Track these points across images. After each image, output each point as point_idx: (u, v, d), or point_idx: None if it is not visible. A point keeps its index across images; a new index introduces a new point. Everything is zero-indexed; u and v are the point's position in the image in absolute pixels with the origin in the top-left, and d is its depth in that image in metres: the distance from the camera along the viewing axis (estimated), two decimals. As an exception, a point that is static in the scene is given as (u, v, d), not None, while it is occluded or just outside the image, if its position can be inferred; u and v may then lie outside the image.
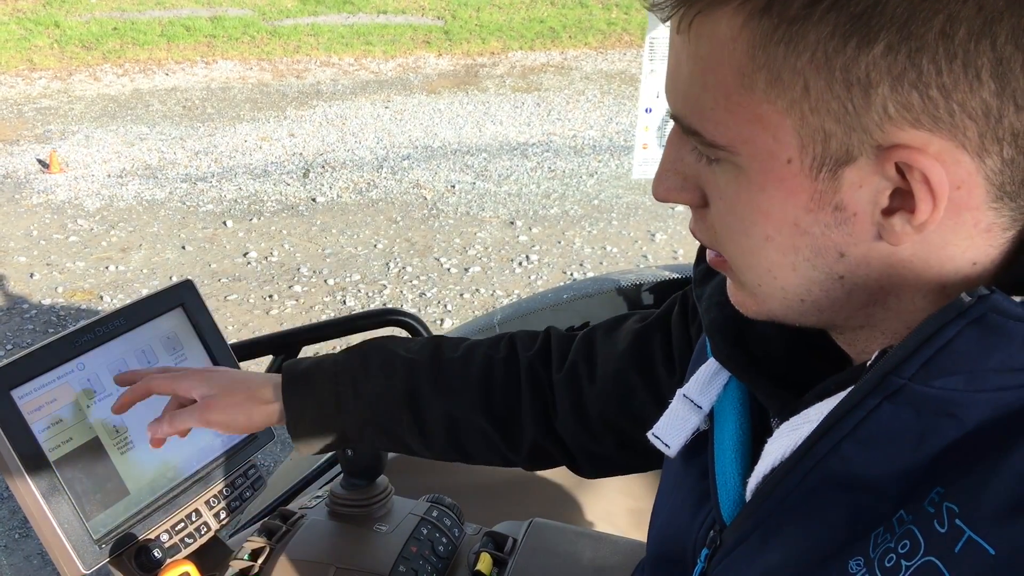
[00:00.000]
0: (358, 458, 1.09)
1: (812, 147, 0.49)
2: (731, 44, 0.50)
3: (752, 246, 0.55)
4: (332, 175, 6.17)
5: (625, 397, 0.91)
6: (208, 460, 1.05)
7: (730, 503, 0.65)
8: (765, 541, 0.58)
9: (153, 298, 1.03)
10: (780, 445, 0.56)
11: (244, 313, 4.33)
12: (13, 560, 2.83)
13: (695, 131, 0.54)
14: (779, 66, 0.48)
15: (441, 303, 4.44)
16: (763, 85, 0.49)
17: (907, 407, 0.48)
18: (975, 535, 0.45)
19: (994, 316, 0.45)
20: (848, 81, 0.47)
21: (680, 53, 0.53)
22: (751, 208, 0.53)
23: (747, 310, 0.61)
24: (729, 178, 0.54)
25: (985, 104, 0.46)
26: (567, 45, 9.83)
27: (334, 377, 0.94)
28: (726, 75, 0.50)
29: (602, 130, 7.26)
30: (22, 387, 0.89)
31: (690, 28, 0.51)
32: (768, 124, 0.50)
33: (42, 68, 8.44)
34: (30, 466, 0.88)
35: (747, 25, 0.49)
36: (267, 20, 9.76)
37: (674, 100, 0.55)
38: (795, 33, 0.47)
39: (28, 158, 6.35)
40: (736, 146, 0.52)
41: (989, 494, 0.45)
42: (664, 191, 0.60)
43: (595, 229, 5.33)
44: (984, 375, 0.46)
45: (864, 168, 0.49)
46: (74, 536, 0.90)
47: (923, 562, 0.47)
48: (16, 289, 4.53)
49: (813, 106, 0.48)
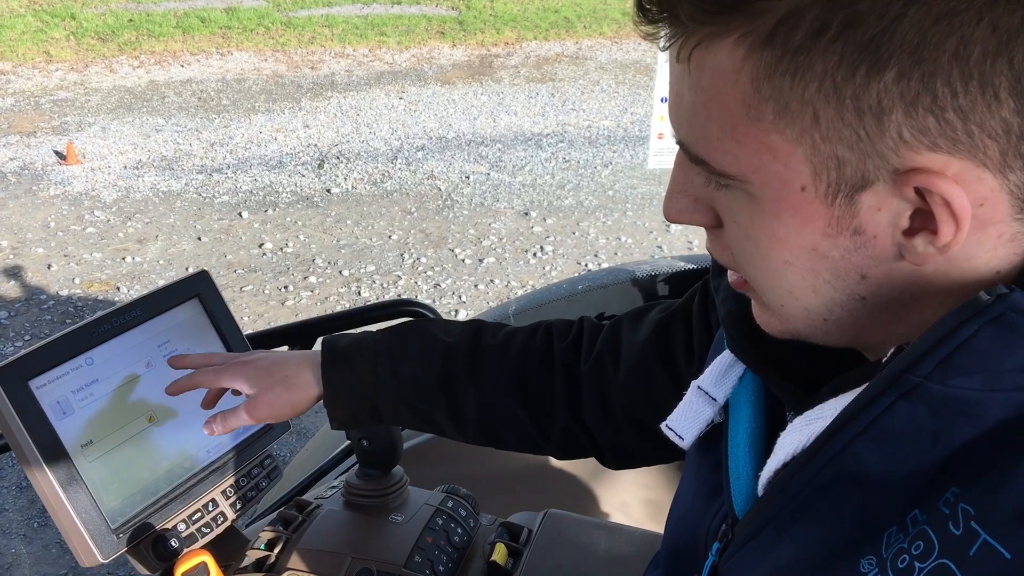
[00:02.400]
0: (374, 448, 1.09)
1: (826, 174, 0.48)
2: (734, 76, 0.48)
3: (771, 269, 0.54)
4: (347, 166, 6.18)
5: (648, 387, 0.91)
6: (224, 450, 1.06)
7: (742, 497, 0.64)
8: (777, 537, 0.57)
9: (169, 289, 1.03)
10: (793, 440, 0.56)
11: (259, 304, 4.35)
12: (32, 549, 2.85)
13: (702, 160, 0.52)
14: (786, 97, 0.47)
15: (456, 294, 4.44)
16: (771, 116, 0.48)
17: (922, 406, 0.47)
18: (991, 538, 0.44)
19: (1013, 315, 0.44)
20: (859, 109, 0.46)
21: (681, 81, 0.52)
22: (766, 235, 0.52)
23: (772, 330, 0.60)
24: (741, 204, 0.53)
25: (1005, 122, 0.45)
26: (582, 35, 9.79)
27: (373, 357, 0.96)
28: (731, 106, 0.49)
29: (617, 120, 7.23)
30: (40, 377, 0.90)
31: (690, 59, 0.50)
32: (779, 153, 0.49)
33: (59, 60, 8.48)
34: (48, 456, 0.88)
35: (749, 57, 0.47)
36: (282, 11, 9.77)
37: (678, 127, 0.54)
38: (800, 63, 0.46)
39: (45, 150, 6.38)
40: (746, 175, 0.51)
41: (1006, 497, 0.44)
42: (675, 213, 0.59)
43: (610, 220, 5.32)
44: (1002, 375, 0.45)
45: (882, 192, 0.48)
46: (92, 525, 0.90)
47: (937, 564, 0.46)
48: (34, 280, 4.56)
49: (824, 135, 0.47)
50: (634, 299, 1.70)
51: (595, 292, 1.69)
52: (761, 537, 0.59)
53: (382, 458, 1.10)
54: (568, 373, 0.96)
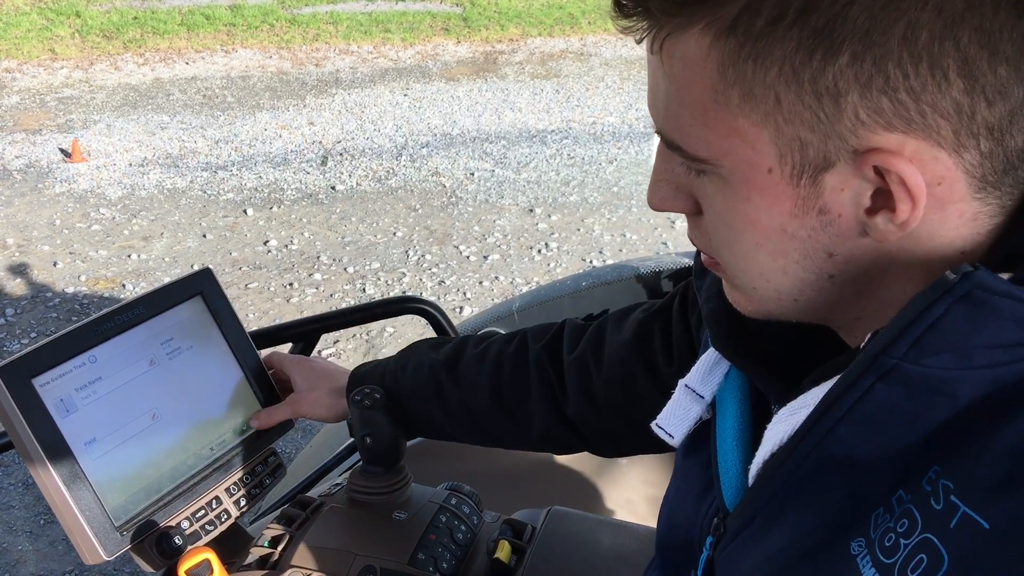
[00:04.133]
0: (377, 446, 1.09)
1: (790, 156, 0.50)
2: (702, 63, 0.51)
3: (744, 252, 0.56)
4: (351, 163, 6.18)
5: (629, 385, 0.95)
6: (228, 448, 1.06)
7: (732, 490, 0.66)
8: (768, 526, 0.59)
9: (173, 286, 1.03)
10: (779, 430, 0.57)
11: (264, 301, 4.35)
12: (38, 546, 2.86)
13: (677, 146, 0.55)
14: (749, 81, 0.49)
15: (460, 291, 4.44)
16: (737, 100, 0.50)
17: (899, 387, 0.49)
18: (969, 510, 0.45)
19: (980, 292, 0.45)
20: (817, 91, 0.48)
21: (656, 72, 0.55)
22: (739, 217, 0.55)
23: (744, 309, 0.62)
24: (716, 188, 0.55)
25: (956, 102, 0.46)
26: (586, 31, 9.78)
27: (380, 378, 1.11)
28: (700, 92, 0.52)
29: (621, 116, 7.22)
30: (43, 375, 0.90)
31: (662, 49, 0.53)
32: (746, 136, 0.51)
33: (64, 58, 8.49)
34: (52, 454, 0.88)
35: (715, 44, 0.50)
36: (286, 8, 9.77)
37: (656, 116, 0.57)
38: (761, 49, 0.48)
39: (50, 147, 6.39)
40: (717, 159, 0.53)
41: (982, 469, 0.46)
42: (658, 201, 0.61)
43: (614, 216, 5.32)
44: (973, 352, 0.47)
45: (843, 172, 0.50)
46: (95, 523, 0.90)
47: (920, 539, 0.47)
48: (40, 278, 4.57)
49: (786, 117, 0.49)
50: (638, 295, 1.70)
51: (599, 289, 1.69)
52: (752, 527, 0.60)
53: (385, 455, 1.10)
54: (542, 373, 1.02)
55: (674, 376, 0.77)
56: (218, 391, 1.06)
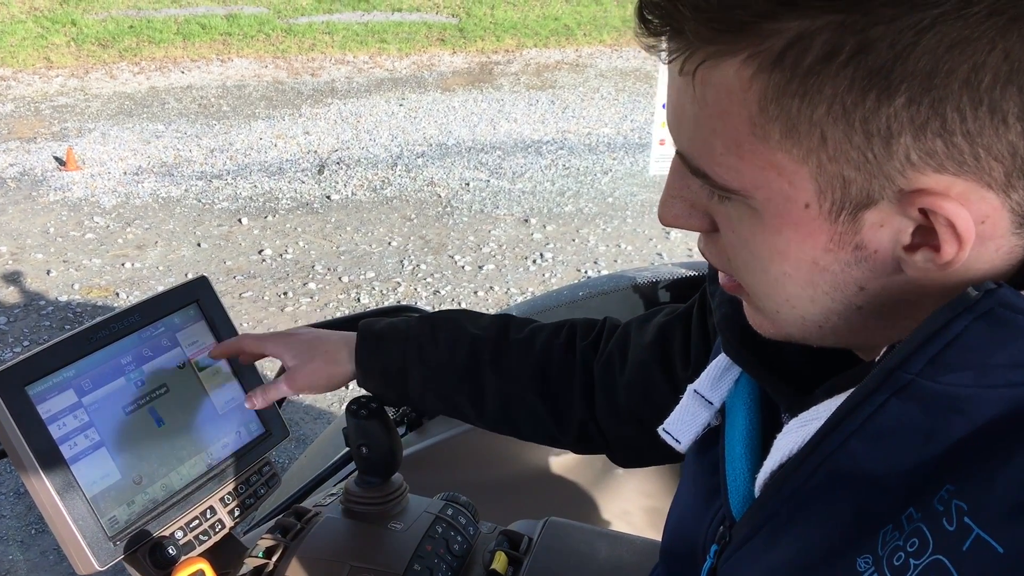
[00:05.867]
0: (373, 456, 1.08)
1: (831, 193, 0.49)
2: (741, 95, 0.48)
3: (769, 279, 0.55)
4: (347, 172, 6.18)
5: (648, 389, 0.94)
6: (222, 457, 1.05)
7: (739, 499, 0.65)
8: (774, 537, 0.58)
9: (168, 294, 1.02)
10: (789, 440, 0.56)
11: (259, 310, 4.34)
12: (29, 556, 2.84)
13: (704, 173, 0.52)
14: (794, 118, 0.47)
15: (455, 301, 4.44)
16: (777, 136, 0.48)
17: (913, 403, 0.48)
18: (984, 533, 0.44)
19: (1001, 310, 0.45)
20: (868, 132, 0.46)
21: (683, 94, 0.51)
22: (766, 247, 0.53)
23: (765, 332, 0.60)
24: (742, 216, 0.53)
25: (1012, 145, 0.45)
26: (582, 42, 9.81)
27: (403, 341, 1.03)
28: (736, 124, 0.49)
29: (617, 127, 7.24)
30: (37, 383, 0.89)
31: (694, 74, 0.50)
32: (783, 171, 0.49)
33: (59, 66, 8.48)
34: (45, 462, 0.87)
35: (758, 77, 0.47)
36: (282, 18, 9.78)
37: (679, 137, 0.54)
38: (810, 86, 0.46)
39: (45, 155, 6.38)
40: (749, 191, 0.51)
41: (998, 492, 0.45)
42: (671, 218, 0.59)
43: (610, 227, 5.32)
44: (993, 371, 0.46)
45: (885, 210, 0.48)
46: (88, 533, 0.90)
47: (931, 560, 0.46)
48: (33, 286, 4.55)
49: (831, 155, 0.47)
50: (635, 305, 1.69)
51: (596, 298, 1.69)
52: (758, 538, 0.59)
53: (381, 465, 1.09)
54: (586, 370, 1.00)
55: (690, 381, 0.76)
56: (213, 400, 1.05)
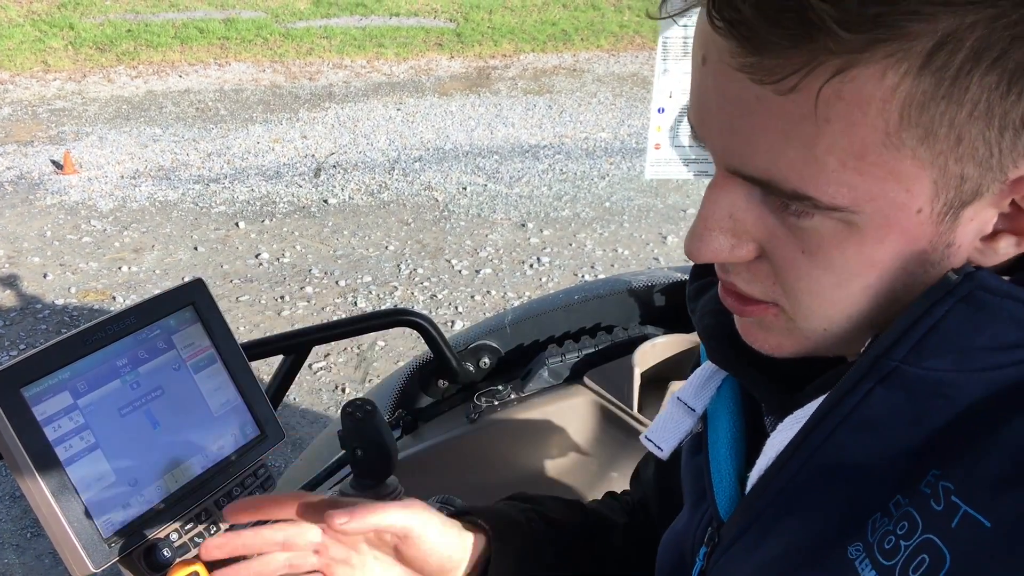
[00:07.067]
0: (368, 459, 1.08)
1: (945, 194, 0.47)
2: (881, 104, 0.45)
3: (840, 296, 0.52)
4: (344, 177, 6.18)
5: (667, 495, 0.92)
6: (218, 459, 1.05)
7: (726, 499, 0.66)
8: (763, 534, 0.59)
9: (164, 297, 1.02)
10: (783, 438, 0.57)
11: (256, 314, 4.34)
12: (25, 559, 2.84)
13: (804, 196, 0.48)
14: (936, 123, 0.45)
15: (452, 305, 4.44)
16: (913, 143, 0.46)
17: (899, 390, 0.49)
18: (971, 509, 0.46)
19: (981, 293, 0.46)
20: (1003, 126, 0.45)
21: (772, 114, 0.47)
22: (857, 261, 0.50)
23: (782, 352, 0.58)
24: (828, 233, 0.50)
25: None
26: (579, 47, 9.83)
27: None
28: (865, 135, 0.46)
29: (614, 132, 7.25)
30: (33, 385, 0.89)
31: (819, 92, 0.45)
32: (904, 178, 0.47)
33: (56, 70, 8.49)
34: (40, 465, 0.88)
35: (902, 84, 0.44)
36: (280, 22, 9.79)
37: (756, 163, 0.49)
38: (958, 88, 0.44)
39: (42, 159, 6.39)
40: (859, 205, 0.48)
41: (983, 470, 0.46)
42: (711, 253, 0.54)
43: (606, 231, 5.33)
44: (974, 354, 0.47)
45: (983, 203, 0.48)
46: (84, 535, 0.90)
47: (922, 540, 0.47)
48: (30, 289, 4.55)
49: (959, 155, 0.46)
50: (630, 309, 1.70)
51: (592, 302, 1.69)
52: (747, 536, 0.60)
53: (376, 468, 1.10)
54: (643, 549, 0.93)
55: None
56: (208, 403, 1.05)
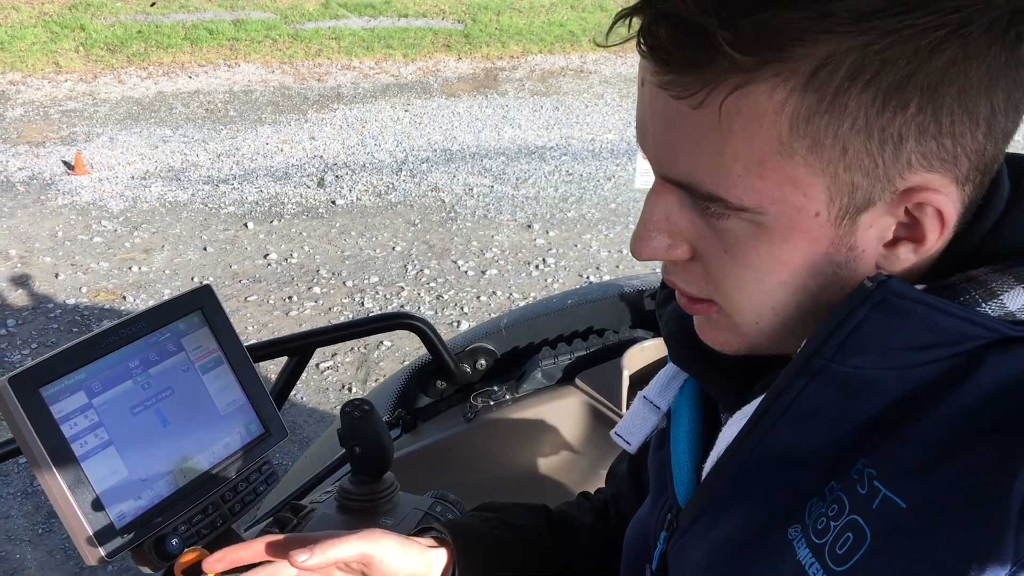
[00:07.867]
0: (366, 455, 1.13)
1: (839, 200, 0.53)
2: (772, 117, 0.51)
3: (761, 292, 0.58)
4: (352, 178, 6.23)
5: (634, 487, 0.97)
6: (224, 456, 1.10)
7: (684, 488, 0.72)
8: (715, 518, 0.65)
9: (173, 302, 1.08)
10: (732, 432, 0.63)
11: (264, 314, 4.39)
12: (37, 554, 2.90)
13: (717, 197, 0.54)
14: (821, 133, 0.51)
15: (458, 305, 4.48)
16: (803, 152, 0.52)
17: (829, 387, 0.55)
18: (889, 492, 0.52)
19: (893, 299, 0.52)
20: (883, 140, 0.51)
21: (688, 125, 0.53)
22: (769, 258, 0.56)
23: (728, 348, 0.64)
24: (745, 232, 0.56)
25: (978, 144, 0.52)
26: (586, 49, 9.85)
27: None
28: (762, 144, 0.52)
29: (620, 134, 7.28)
30: (50, 385, 0.95)
31: (721, 105, 0.51)
32: (800, 184, 0.53)
33: (68, 71, 8.56)
34: (57, 460, 0.93)
35: (790, 98, 0.50)
36: (289, 24, 9.84)
37: (674, 168, 0.56)
38: (838, 103, 0.50)
39: (54, 160, 6.45)
40: (764, 206, 0.54)
41: (902, 458, 0.52)
42: (651, 251, 0.60)
43: (612, 233, 5.36)
44: (893, 353, 0.53)
45: (878, 211, 0.54)
46: (97, 525, 0.95)
47: (847, 520, 0.53)
48: (41, 289, 4.61)
49: (847, 165, 0.52)
50: (622, 314, 1.74)
51: (585, 307, 1.74)
52: (702, 520, 0.66)
53: (373, 464, 1.14)
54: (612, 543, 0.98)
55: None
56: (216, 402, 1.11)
